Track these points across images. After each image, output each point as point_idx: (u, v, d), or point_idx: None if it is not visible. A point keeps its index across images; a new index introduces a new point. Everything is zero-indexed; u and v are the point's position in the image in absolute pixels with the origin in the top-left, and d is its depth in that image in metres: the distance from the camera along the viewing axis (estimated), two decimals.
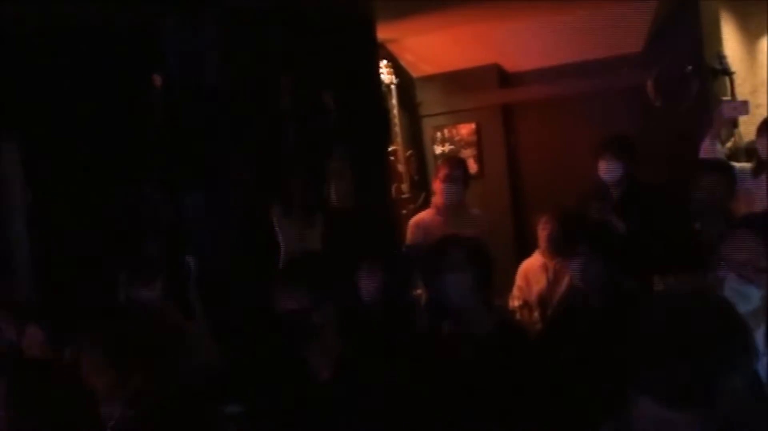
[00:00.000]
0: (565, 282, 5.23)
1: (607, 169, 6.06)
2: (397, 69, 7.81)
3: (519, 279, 6.42)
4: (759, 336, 3.07)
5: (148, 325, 3.02)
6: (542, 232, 6.35)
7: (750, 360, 2.24)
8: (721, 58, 7.14)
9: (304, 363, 3.51)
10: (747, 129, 6.88)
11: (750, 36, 8.33)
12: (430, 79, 8.33)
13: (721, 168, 5.55)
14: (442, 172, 6.48)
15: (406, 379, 3.56)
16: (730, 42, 7.86)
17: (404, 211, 7.06)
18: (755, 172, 6.04)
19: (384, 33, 6.77)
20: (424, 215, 6.54)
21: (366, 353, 3.56)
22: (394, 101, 7.56)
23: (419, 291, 5.35)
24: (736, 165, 6.22)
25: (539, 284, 6.25)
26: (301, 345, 3.50)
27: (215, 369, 4.10)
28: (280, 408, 3.50)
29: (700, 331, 2.12)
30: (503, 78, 8.17)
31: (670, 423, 2.10)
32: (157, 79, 5.29)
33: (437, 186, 6.50)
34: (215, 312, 4.79)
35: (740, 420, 2.15)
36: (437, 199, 6.50)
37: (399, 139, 7.55)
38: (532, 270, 6.38)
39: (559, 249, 6.00)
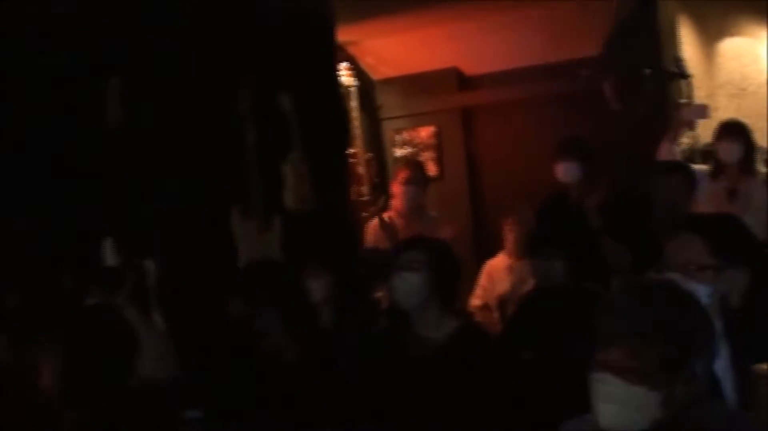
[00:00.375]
0: (530, 283, 5.25)
1: (564, 171, 6.08)
2: (357, 71, 7.79)
3: (483, 279, 6.43)
4: None
5: (106, 330, 2.98)
6: (509, 234, 6.37)
7: (712, 348, 2.26)
8: (678, 61, 7.19)
9: (258, 367, 3.50)
10: (703, 131, 6.93)
11: (707, 39, 8.39)
12: (390, 81, 8.32)
13: (683, 170, 5.58)
14: (401, 175, 6.49)
15: (356, 382, 3.56)
16: (688, 45, 7.91)
17: (364, 214, 7.05)
18: (713, 175, 6.09)
19: (344, 35, 6.75)
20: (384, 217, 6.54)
21: (315, 356, 3.55)
22: (354, 104, 7.54)
23: (380, 294, 5.34)
24: (694, 167, 6.27)
25: (503, 285, 6.27)
26: (251, 349, 3.49)
27: (173, 374, 4.06)
28: (236, 412, 3.48)
29: (664, 313, 2.19)
30: (462, 81, 8.18)
31: (629, 400, 2.12)
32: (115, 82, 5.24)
33: (396, 189, 6.50)
34: (173, 316, 4.75)
35: (697, 412, 2.17)
36: (396, 202, 6.51)
37: (359, 141, 7.53)
38: (497, 271, 6.40)
39: (526, 250, 6.01)
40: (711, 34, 8.43)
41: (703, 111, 6.40)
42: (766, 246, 5.89)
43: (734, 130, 6.10)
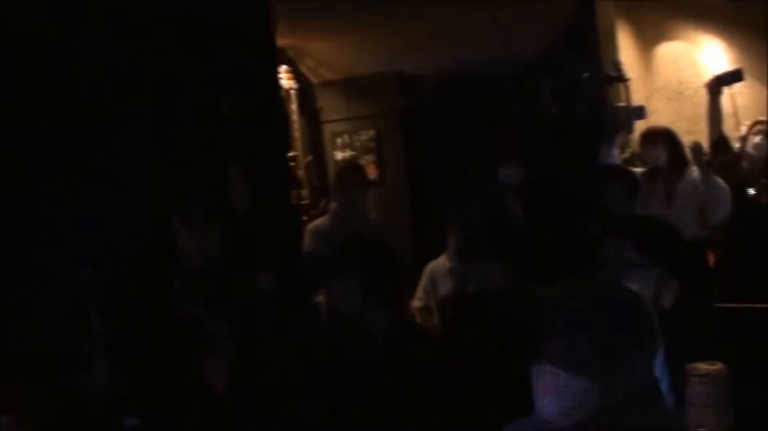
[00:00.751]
0: (472, 285, 5.27)
1: (507, 173, 6.13)
2: (297, 74, 7.78)
3: (424, 280, 6.44)
4: None
5: (44, 340, 2.95)
6: (450, 236, 6.39)
7: (653, 345, 2.29)
8: (616, 64, 7.28)
9: (200, 375, 3.47)
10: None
11: (645, 43, 8.50)
12: (330, 84, 8.31)
13: (626, 175, 5.65)
14: (340, 178, 6.49)
15: (299, 385, 3.55)
16: (626, 49, 8.00)
17: (305, 218, 7.04)
18: (649, 177, 6.17)
19: (284, 38, 6.73)
20: (322, 221, 6.54)
21: (261, 361, 3.53)
22: (294, 107, 7.53)
23: (320, 298, 5.34)
24: (633, 170, 6.35)
25: (445, 287, 6.29)
26: (195, 356, 3.47)
27: (114, 381, 4.03)
28: (177, 420, 3.46)
29: (606, 307, 2.22)
30: (403, 84, 8.18)
31: (569, 391, 2.14)
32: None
33: (335, 192, 6.51)
34: (113, 324, 4.70)
35: (636, 407, 2.20)
36: (334, 206, 6.51)
37: (299, 145, 7.53)
38: (438, 273, 6.41)
39: (468, 252, 6.04)
40: (648, 38, 8.54)
41: (640, 111, 6.49)
42: (699, 246, 6.02)
43: (654, 138, 6.22)
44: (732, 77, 6.72)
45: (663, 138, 6.16)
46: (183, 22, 5.38)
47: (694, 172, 6.20)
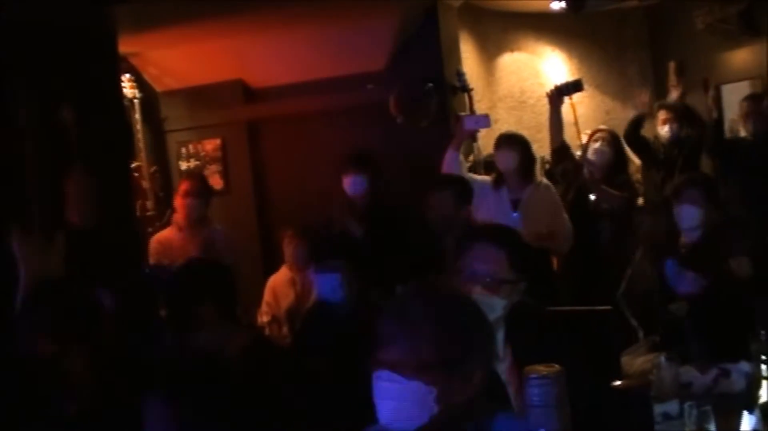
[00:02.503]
0: (314, 294, 5.28)
1: (351, 183, 6.17)
2: (140, 83, 7.65)
3: (267, 295, 6.44)
4: (498, 340, 3.18)
5: None
6: (288, 247, 6.40)
7: (489, 351, 2.33)
8: (460, 75, 7.38)
9: (50, 398, 3.38)
10: (485, 143, 7.14)
11: (488, 54, 8.66)
12: (174, 93, 8.20)
13: (455, 183, 5.71)
14: (182, 188, 6.43)
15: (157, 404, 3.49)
16: (469, 60, 8.14)
17: (149, 229, 6.93)
18: (495, 185, 6.27)
19: (126, 46, 6.61)
20: (166, 233, 6.46)
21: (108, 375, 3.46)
22: (138, 116, 7.41)
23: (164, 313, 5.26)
24: (477, 177, 6.45)
25: (287, 298, 6.30)
26: (47, 387, 3.37)
27: None
28: None
29: (442, 312, 2.25)
30: (248, 93, 8.13)
31: (407, 395, 2.16)
32: None
33: (178, 202, 6.43)
34: None
35: (474, 410, 2.23)
36: (178, 216, 6.43)
37: (143, 154, 7.40)
38: (280, 285, 6.41)
39: (306, 263, 6.06)
40: (491, 49, 8.71)
41: (484, 120, 6.58)
42: (544, 251, 6.16)
43: (511, 140, 6.34)
44: (572, 87, 6.90)
45: (517, 142, 6.28)
46: (22, 29, 5.25)
47: (542, 183, 6.34)
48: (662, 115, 7.17)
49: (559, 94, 6.81)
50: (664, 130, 7.09)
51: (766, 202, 6.24)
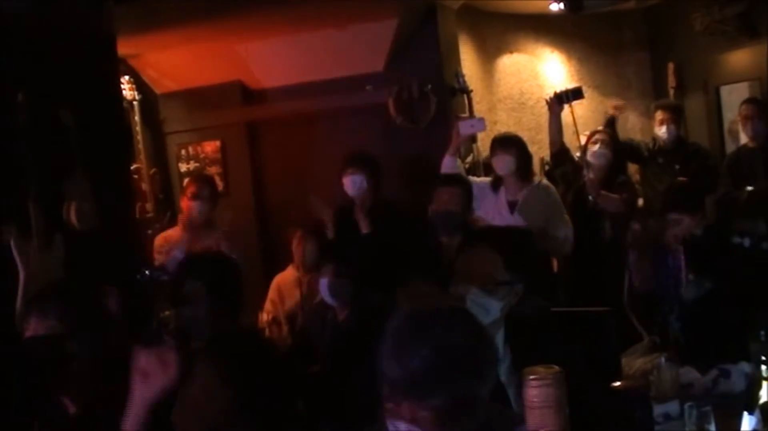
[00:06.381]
0: (319, 296, 5.28)
1: (351, 184, 6.15)
2: (140, 85, 7.65)
3: (272, 293, 6.42)
4: (498, 341, 3.18)
5: None
6: (297, 247, 6.38)
7: (494, 371, 2.31)
8: (459, 77, 7.38)
9: (52, 396, 3.37)
10: (485, 144, 7.12)
11: (487, 56, 8.65)
12: (173, 95, 8.20)
13: (459, 182, 5.71)
14: (190, 190, 6.40)
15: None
16: (468, 61, 8.13)
17: (149, 231, 6.92)
18: (494, 187, 6.26)
19: (125, 48, 6.61)
20: (171, 233, 6.45)
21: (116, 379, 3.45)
22: (137, 118, 7.40)
23: (167, 313, 5.24)
24: (476, 179, 6.44)
25: (292, 298, 6.28)
26: (49, 376, 3.36)
27: None
28: None
29: (448, 355, 2.17)
30: (247, 95, 8.13)
31: None
32: None
33: (185, 204, 6.41)
34: None
35: (485, 422, 2.22)
36: (184, 217, 6.42)
37: (142, 156, 7.40)
38: (286, 285, 6.40)
39: (314, 264, 6.05)
40: (490, 51, 8.70)
41: (479, 123, 6.55)
42: (544, 256, 6.15)
43: (506, 143, 6.29)
44: (572, 95, 6.83)
45: (513, 144, 6.24)
46: (21, 30, 5.25)
47: (541, 183, 6.32)
48: (660, 115, 7.17)
49: (558, 102, 6.77)
50: (662, 131, 7.10)
51: None
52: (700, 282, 4.66)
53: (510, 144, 6.25)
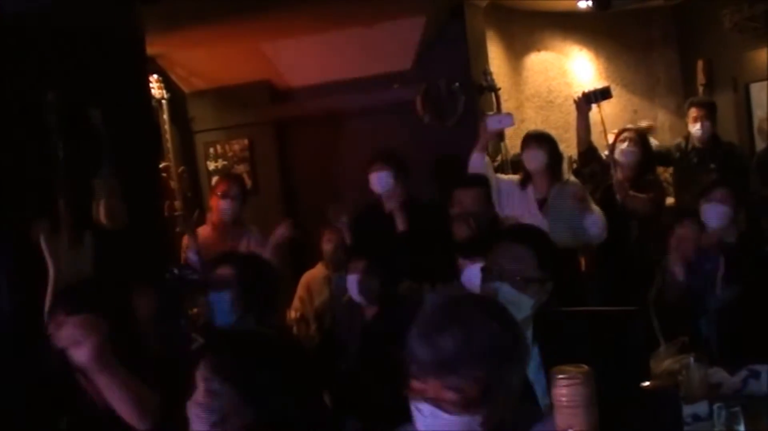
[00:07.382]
0: (348, 294, 5.28)
1: (377, 180, 6.14)
2: (168, 84, 7.69)
3: (300, 290, 6.43)
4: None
5: None
6: (326, 245, 6.38)
7: (526, 359, 2.32)
8: (487, 74, 7.37)
9: (79, 393, 3.40)
10: (513, 142, 7.11)
11: (515, 54, 8.64)
12: (202, 94, 8.24)
13: (480, 183, 5.68)
14: (219, 189, 6.41)
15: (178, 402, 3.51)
16: (496, 59, 8.12)
17: (177, 229, 6.95)
18: (522, 184, 6.24)
19: (153, 47, 6.65)
20: (200, 231, 6.46)
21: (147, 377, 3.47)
22: (165, 116, 7.44)
23: (195, 311, 5.26)
24: (504, 177, 6.42)
25: (321, 295, 6.29)
26: (75, 375, 3.38)
27: None
28: None
29: (476, 337, 2.18)
30: (274, 94, 8.16)
31: (450, 426, 2.14)
32: None
33: (214, 202, 6.42)
34: None
35: (512, 419, 2.22)
36: (213, 216, 6.43)
37: (171, 155, 7.43)
38: (315, 282, 6.41)
39: (343, 262, 6.05)
40: (518, 49, 8.69)
41: (507, 119, 6.52)
42: (572, 251, 6.12)
43: (539, 139, 6.25)
44: (600, 95, 6.78)
45: (545, 141, 6.20)
46: (49, 30, 5.28)
47: (569, 180, 6.29)
48: (693, 112, 7.08)
49: (587, 101, 6.72)
50: (696, 128, 7.01)
51: None
52: (733, 286, 4.64)
53: (543, 140, 6.22)
